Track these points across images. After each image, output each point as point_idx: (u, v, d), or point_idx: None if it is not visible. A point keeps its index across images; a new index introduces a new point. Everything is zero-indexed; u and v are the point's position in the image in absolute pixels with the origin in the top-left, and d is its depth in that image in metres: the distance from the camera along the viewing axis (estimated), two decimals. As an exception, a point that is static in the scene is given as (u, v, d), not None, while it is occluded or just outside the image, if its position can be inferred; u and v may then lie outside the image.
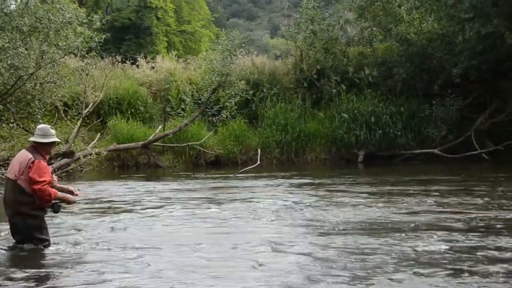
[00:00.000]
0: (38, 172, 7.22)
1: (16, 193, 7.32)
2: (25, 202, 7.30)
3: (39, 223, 7.47)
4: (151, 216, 10.38)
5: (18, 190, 7.30)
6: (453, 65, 21.19)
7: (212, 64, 21.95)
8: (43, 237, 7.51)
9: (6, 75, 16.88)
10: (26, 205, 7.31)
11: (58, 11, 17.46)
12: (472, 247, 7.24)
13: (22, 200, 7.30)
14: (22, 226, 7.37)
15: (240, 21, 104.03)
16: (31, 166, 7.24)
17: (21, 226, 7.38)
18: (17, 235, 7.48)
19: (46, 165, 7.45)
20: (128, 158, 21.72)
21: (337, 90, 23.31)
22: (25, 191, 7.27)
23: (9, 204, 7.41)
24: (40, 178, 7.21)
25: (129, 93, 24.17)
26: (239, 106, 22.90)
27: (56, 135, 7.74)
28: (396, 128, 21.87)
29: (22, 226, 7.37)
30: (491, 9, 19.66)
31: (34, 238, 7.42)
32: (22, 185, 7.27)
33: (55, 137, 7.64)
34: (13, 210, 7.37)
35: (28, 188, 7.26)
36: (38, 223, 7.45)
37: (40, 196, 7.25)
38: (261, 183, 15.60)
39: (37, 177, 7.20)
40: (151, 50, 47.88)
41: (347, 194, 12.62)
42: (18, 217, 7.36)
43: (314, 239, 8.04)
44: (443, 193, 12.31)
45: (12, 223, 7.48)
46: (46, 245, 7.50)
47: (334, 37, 24.58)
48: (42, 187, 7.20)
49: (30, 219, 7.35)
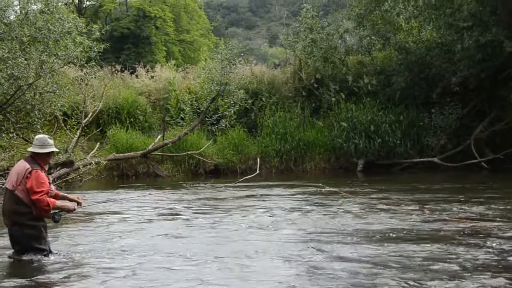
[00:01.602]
0: (36, 182, 7.23)
1: (13, 203, 7.32)
2: (23, 212, 7.30)
3: (37, 233, 7.46)
4: (151, 225, 10.37)
5: (16, 200, 7.30)
6: (452, 74, 21.23)
7: (211, 73, 21.99)
8: (42, 247, 7.49)
9: (5, 85, 16.86)
10: (24, 215, 7.31)
11: (57, 21, 17.46)
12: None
13: (20, 210, 7.30)
14: (20, 236, 7.37)
15: (239, 30, 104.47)
16: (28, 177, 7.26)
17: (19, 236, 7.38)
18: (16, 245, 7.48)
19: (44, 175, 7.46)
20: (127, 167, 21.70)
21: (336, 98, 23.33)
22: (23, 201, 7.27)
23: (7, 214, 7.42)
24: (38, 189, 7.21)
25: (128, 102, 24.21)
26: (238, 115, 22.93)
27: (54, 145, 7.76)
28: (395, 137, 21.86)
29: (20, 236, 7.37)
30: (489, 18, 19.73)
31: (33, 248, 7.41)
32: (20, 196, 7.27)
33: (53, 147, 7.66)
34: (11, 220, 7.38)
35: (26, 199, 7.26)
36: (36, 233, 7.44)
37: (39, 206, 7.25)
38: (261, 191, 15.58)
39: (35, 188, 7.21)
40: (150, 59, 48.00)
41: (352, 202, 12.62)
42: (16, 227, 7.37)
43: (318, 250, 8.02)
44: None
45: (11, 233, 7.49)
46: (45, 254, 7.49)
47: (333, 46, 24.62)
48: (40, 197, 7.21)
49: (27, 229, 7.35)
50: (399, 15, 23.44)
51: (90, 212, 12.13)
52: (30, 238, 7.39)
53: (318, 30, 24.60)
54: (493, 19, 19.69)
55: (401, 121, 22.25)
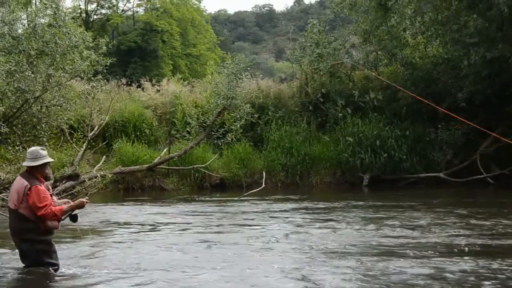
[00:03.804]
0: (37, 198, 7.19)
1: (19, 222, 7.31)
2: (30, 228, 7.29)
3: (48, 248, 7.46)
4: (159, 239, 10.37)
5: (21, 218, 7.28)
6: (458, 90, 21.21)
7: (218, 87, 21.98)
8: (52, 261, 7.49)
9: (12, 98, 16.95)
10: (32, 232, 7.30)
11: (64, 35, 17.53)
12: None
13: (27, 227, 7.29)
14: (30, 252, 7.36)
15: (245, 44, 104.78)
16: (28, 193, 7.21)
17: (29, 252, 7.37)
18: (26, 260, 7.47)
19: (44, 188, 7.40)
20: (133, 180, 21.66)
21: (342, 113, 23.32)
22: (28, 218, 7.25)
23: (15, 232, 7.42)
24: (41, 204, 7.19)
25: (134, 116, 24.24)
26: (244, 129, 22.90)
27: (51, 156, 7.73)
28: (401, 152, 21.80)
29: (30, 252, 7.36)
30: (496, 34, 19.72)
31: (44, 263, 7.41)
32: (24, 213, 7.25)
33: (47, 158, 7.57)
34: (20, 237, 7.37)
35: (30, 215, 7.24)
36: (46, 247, 7.44)
37: (48, 219, 7.25)
38: (267, 206, 15.57)
39: (38, 203, 7.17)
40: (156, 73, 48.20)
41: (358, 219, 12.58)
42: (26, 244, 7.36)
43: (320, 264, 8.00)
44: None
45: (20, 249, 7.47)
46: (56, 269, 7.49)
47: (339, 61, 24.66)
48: (45, 212, 7.20)
49: (37, 244, 7.35)
50: (406, 31, 23.47)
51: (97, 224, 12.14)
52: (40, 253, 7.39)
53: (325, 45, 24.63)
54: (499, 36, 19.68)
55: (407, 136, 22.19)
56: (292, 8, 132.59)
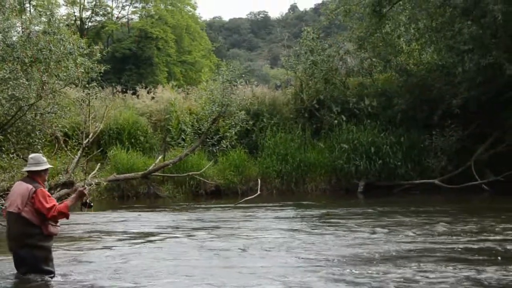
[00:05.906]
0: (44, 200, 7.29)
1: (21, 226, 7.28)
2: (32, 233, 7.28)
3: (47, 255, 7.47)
4: (154, 246, 10.35)
5: (23, 222, 7.26)
6: (452, 96, 21.23)
7: (213, 94, 22.01)
8: (49, 269, 7.50)
9: (6, 106, 16.89)
10: (34, 237, 7.30)
11: (59, 42, 17.47)
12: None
13: (29, 232, 7.28)
14: (29, 258, 7.34)
15: (240, 51, 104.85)
16: (34, 197, 7.27)
17: (28, 258, 7.34)
18: (23, 267, 7.42)
19: (47, 191, 7.55)
20: (128, 188, 21.62)
21: (337, 120, 23.33)
22: (31, 222, 7.26)
23: (14, 237, 7.36)
24: (49, 205, 7.29)
25: (129, 123, 24.22)
26: (239, 136, 22.90)
27: (50, 164, 7.85)
28: (396, 159, 21.81)
29: (29, 257, 7.33)
30: (490, 41, 19.77)
31: (41, 270, 7.39)
32: (27, 217, 7.25)
33: (47, 164, 7.76)
34: (20, 242, 7.32)
35: (34, 219, 7.25)
36: (45, 254, 7.45)
37: (58, 219, 7.40)
38: (262, 213, 15.55)
39: (46, 204, 7.26)
40: (151, 80, 48.12)
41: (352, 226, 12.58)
42: (25, 249, 7.32)
43: (316, 271, 7.98)
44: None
45: (18, 255, 7.41)
46: (52, 276, 7.47)
47: (334, 67, 24.70)
48: (53, 214, 7.29)
49: (37, 250, 7.34)
50: (400, 38, 23.52)
51: (91, 232, 12.11)
52: (38, 260, 7.38)
53: (319, 52, 24.66)
54: (493, 42, 19.73)
55: (402, 142, 22.19)
56: (287, 15, 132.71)
